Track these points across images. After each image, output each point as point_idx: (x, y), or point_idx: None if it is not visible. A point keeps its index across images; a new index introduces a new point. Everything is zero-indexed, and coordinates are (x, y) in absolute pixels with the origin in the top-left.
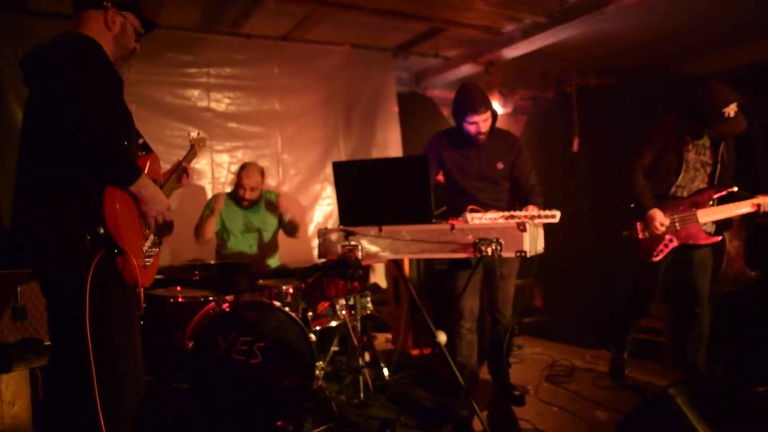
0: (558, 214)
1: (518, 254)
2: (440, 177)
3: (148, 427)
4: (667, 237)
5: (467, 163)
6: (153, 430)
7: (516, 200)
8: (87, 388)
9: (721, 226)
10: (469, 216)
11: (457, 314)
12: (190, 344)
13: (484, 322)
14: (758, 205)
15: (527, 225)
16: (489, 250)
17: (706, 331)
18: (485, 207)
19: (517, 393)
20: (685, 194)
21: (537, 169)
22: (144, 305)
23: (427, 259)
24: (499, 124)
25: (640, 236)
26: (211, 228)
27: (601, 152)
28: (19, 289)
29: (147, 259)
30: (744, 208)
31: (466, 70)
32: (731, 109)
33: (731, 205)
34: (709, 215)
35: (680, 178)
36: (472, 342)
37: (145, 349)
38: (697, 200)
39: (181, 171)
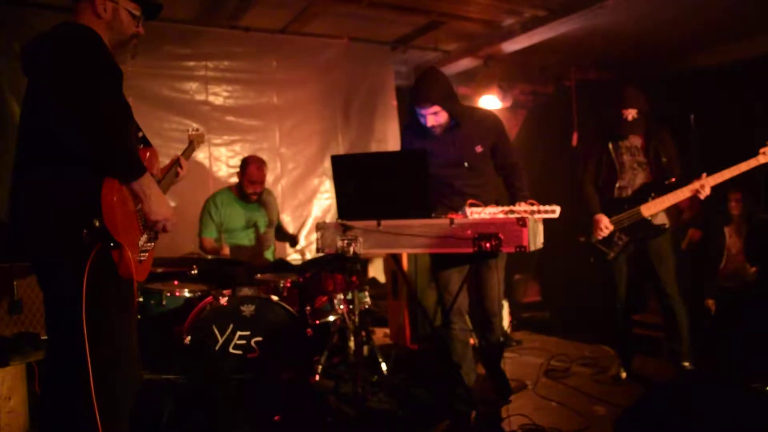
0: (558, 209)
1: (518, 249)
2: None
3: (144, 421)
4: (617, 236)
5: (444, 148)
6: (150, 425)
7: (492, 182)
8: (83, 383)
9: (670, 216)
10: (468, 210)
11: (446, 318)
12: (188, 338)
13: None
14: (697, 190)
15: (527, 220)
16: (488, 245)
17: (683, 319)
18: (461, 195)
19: (513, 384)
20: (629, 193)
21: (536, 163)
22: (139, 299)
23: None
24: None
25: (593, 239)
26: (226, 248)
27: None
28: (15, 283)
29: (142, 254)
30: (684, 194)
31: (465, 63)
32: (630, 113)
33: (671, 194)
34: (651, 208)
35: (619, 180)
36: (465, 341)
37: (143, 343)
38: (639, 196)
39: (177, 166)
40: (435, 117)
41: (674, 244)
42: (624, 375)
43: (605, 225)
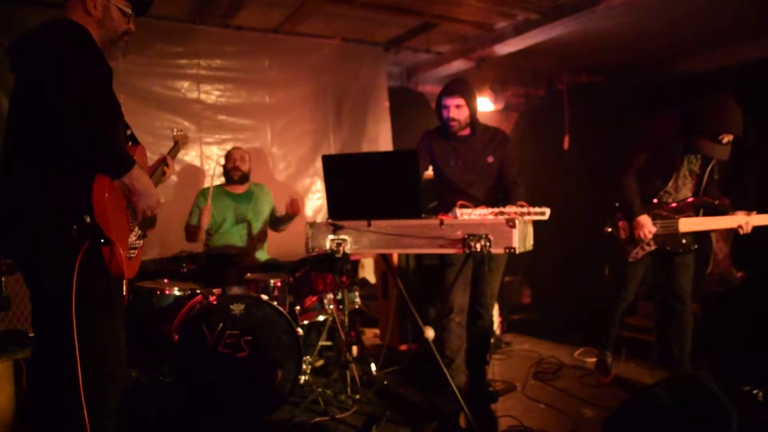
0: (547, 211)
1: (507, 250)
2: (429, 172)
3: (133, 420)
4: (646, 240)
5: (458, 157)
6: (138, 423)
7: (498, 192)
8: (71, 380)
9: (698, 237)
10: (458, 211)
11: (447, 308)
12: (177, 337)
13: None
14: (740, 226)
15: (516, 221)
16: (478, 246)
17: (690, 327)
18: (476, 201)
19: (491, 389)
20: (671, 200)
21: (528, 166)
22: (128, 296)
23: (417, 255)
24: (489, 121)
25: (622, 236)
26: (200, 235)
27: (591, 150)
28: (3, 279)
29: (132, 251)
30: (726, 223)
31: (458, 66)
32: (727, 138)
33: (714, 219)
34: (690, 225)
35: (670, 183)
36: (461, 336)
37: (132, 342)
38: (682, 208)
39: (164, 165)
40: (457, 110)
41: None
42: (610, 359)
43: (650, 230)
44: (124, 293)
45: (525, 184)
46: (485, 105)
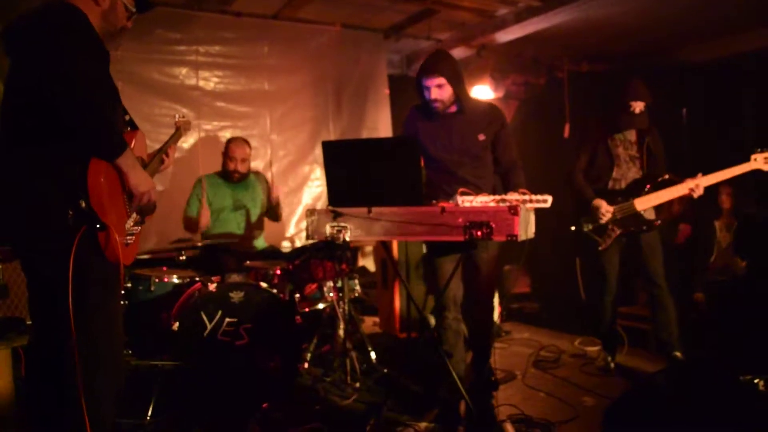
0: (550, 198)
1: (509, 238)
2: None
3: (132, 407)
4: (610, 227)
5: (446, 136)
6: (137, 410)
7: (495, 174)
8: (68, 367)
9: (661, 211)
10: (459, 199)
11: (440, 305)
12: (176, 325)
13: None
14: (691, 189)
15: (519, 209)
16: (479, 233)
17: (671, 310)
18: (464, 183)
19: (492, 378)
20: (622, 186)
21: (528, 154)
22: (128, 284)
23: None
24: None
25: (585, 229)
26: (205, 217)
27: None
28: (1, 267)
29: (129, 237)
30: (678, 191)
31: (458, 53)
32: (638, 105)
33: (665, 190)
34: (645, 203)
35: (614, 172)
36: (457, 331)
37: (131, 329)
38: (633, 190)
39: (163, 153)
40: (439, 90)
41: (662, 237)
42: (612, 365)
43: (606, 209)
44: (122, 279)
45: (525, 171)
46: (485, 93)
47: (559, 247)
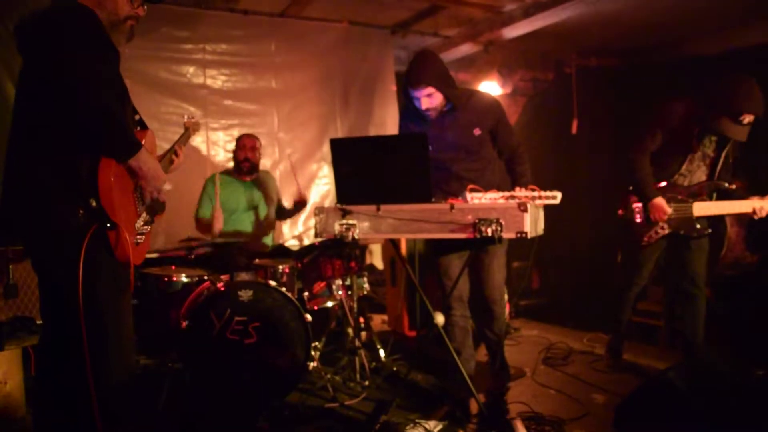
0: (559, 195)
1: (519, 235)
2: None
3: (142, 405)
4: (660, 224)
5: (441, 132)
6: (147, 409)
7: (491, 167)
8: (79, 366)
9: (713, 220)
10: (468, 196)
11: (447, 303)
12: (185, 323)
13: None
14: (755, 209)
15: (528, 205)
16: (489, 230)
17: (703, 311)
18: (459, 180)
19: (512, 372)
20: (685, 183)
21: (536, 150)
22: (138, 283)
23: (426, 240)
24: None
25: (636, 219)
26: (219, 222)
27: (600, 134)
28: (11, 266)
29: (139, 237)
30: (741, 207)
31: (466, 49)
32: (748, 118)
33: (728, 203)
34: (704, 209)
35: (684, 166)
36: (465, 328)
37: (140, 328)
38: (696, 191)
39: (172, 153)
40: (429, 99)
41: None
42: (619, 361)
43: (665, 211)
44: (131, 278)
45: (533, 167)
46: (493, 89)
47: (569, 244)
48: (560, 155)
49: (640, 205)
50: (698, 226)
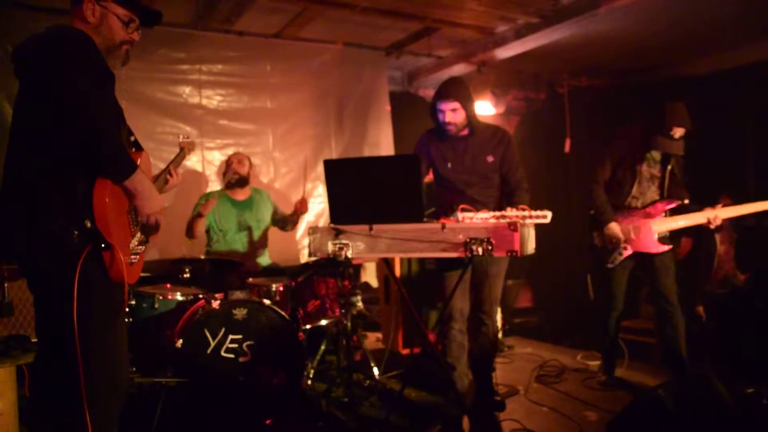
0: (549, 214)
1: (509, 254)
2: (430, 176)
3: (136, 424)
4: (622, 245)
5: (457, 158)
6: (141, 428)
7: (502, 195)
8: (73, 386)
9: (674, 235)
10: (460, 215)
11: (446, 315)
12: (180, 342)
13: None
14: (709, 219)
15: (519, 225)
16: (480, 249)
17: (682, 326)
18: (474, 203)
19: (498, 398)
20: (639, 205)
21: (529, 169)
22: (131, 302)
23: (419, 259)
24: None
25: (598, 243)
26: (200, 228)
27: (592, 153)
28: (6, 284)
29: (133, 257)
30: (696, 219)
31: (459, 69)
32: (679, 131)
33: (683, 216)
34: (660, 225)
35: (634, 189)
36: (461, 343)
37: (135, 347)
38: (650, 211)
39: (167, 173)
40: (453, 114)
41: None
42: (612, 379)
43: (618, 235)
44: (126, 298)
45: (529, 189)
46: (486, 109)
47: (561, 262)
48: (553, 174)
49: (597, 231)
50: (659, 241)
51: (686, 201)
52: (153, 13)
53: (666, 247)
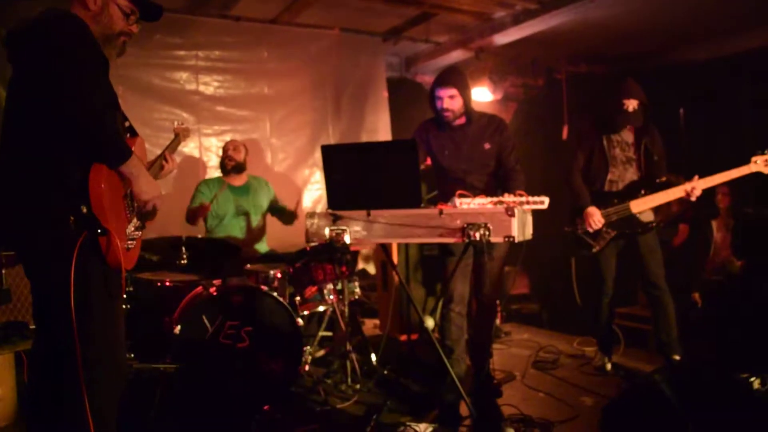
0: (547, 200)
1: (506, 239)
2: (428, 163)
3: (134, 411)
4: (604, 230)
5: (455, 146)
6: (139, 414)
7: (499, 180)
8: (71, 372)
9: (658, 212)
10: (457, 201)
11: (446, 298)
12: (177, 328)
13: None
14: (687, 191)
15: (516, 210)
16: (477, 234)
17: (671, 310)
18: (473, 190)
19: (495, 383)
20: (619, 188)
21: (526, 156)
22: (129, 288)
23: (417, 244)
24: (488, 111)
25: (579, 231)
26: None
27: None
28: (4, 271)
29: (130, 242)
30: (675, 194)
31: (457, 56)
32: (631, 104)
33: (662, 193)
34: (641, 205)
35: (610, 173)
36: (460, 326)
37: (133, 333)
38: (629, 192)
39: (162, 159)
40: (451, 101)
41: (661, 237)
42: (609, 366)
43: (598, 219)
44: (123, 284)
45: (524, 173)
46: (484, 95)
47: (558, 248)
48: (551, 161)
49: (580, 219)
50: (642, 220)
51: (663, 179)
52: (154, 8)
53: (650, 225)
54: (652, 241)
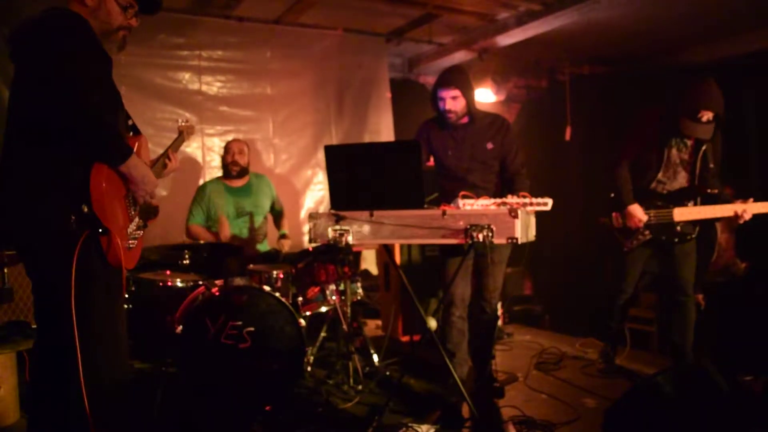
0: (550, 201)
1: (510, 241)
2: (431, 163)
3: (135, 410)
4: (641, 230)
5: (457, 144)
6: (141, 414)
7: (502, 181)
8: (72, 371)
9: (703, 227)
10: (460, 202)
11: (447, 301)
12: (179, 328)
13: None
14: (737, 213)
15: (519, 212)
16: (480, 236)
17: (692, 317)
18: (475, 189)
19: (497, 385)
20: (665, 190)
21: (529, 157)
22: (131, 288)
23: (420, 245)
24: (492, 112)
25: (616, 225)
26: (225, 228)
27: (593, 141)
28: (6, 270)
29: (131, 242)
30: (723, 212)
31: (460, 56)
32: (706, 115)
33: (709, 208)
34: (684, 214)
35: (660, 173)
36: (462, 329)
37: (135, 333)
38: (677, 197)
39: (165, 158)
40: (453, 102)
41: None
42: (611, 367)
43: (640, 218)
44: (124, 283)
45: (529, 177)
46: (487, 96)
47: (561, 250)
48: (554, 162)
49: (618, 212)
50: (678, 230)
51: (716, 191)
52: (152, 1)
53: (687, 237)
54: (690, 249)
